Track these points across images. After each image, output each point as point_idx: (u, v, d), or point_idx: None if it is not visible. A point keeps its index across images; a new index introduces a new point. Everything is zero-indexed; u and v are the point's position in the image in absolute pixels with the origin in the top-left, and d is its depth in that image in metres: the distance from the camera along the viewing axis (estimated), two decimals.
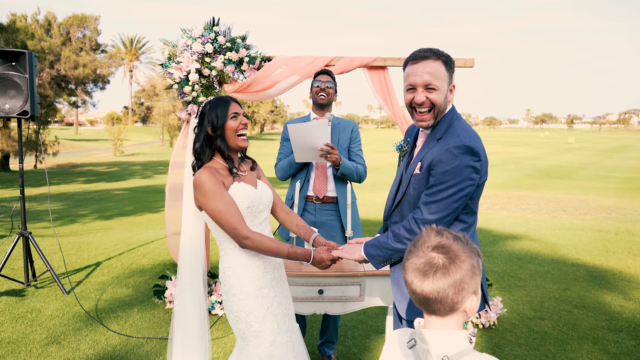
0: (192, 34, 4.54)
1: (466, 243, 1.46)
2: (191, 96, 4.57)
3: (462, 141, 2.13)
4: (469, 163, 2.12)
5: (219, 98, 2.43)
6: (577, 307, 4.97)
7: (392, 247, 2.26)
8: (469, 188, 2.15)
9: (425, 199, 2.18)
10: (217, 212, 2.26)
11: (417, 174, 2.26)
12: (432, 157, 2.18)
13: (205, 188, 2.26)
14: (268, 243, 2.29)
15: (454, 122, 2.25)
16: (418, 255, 1.47)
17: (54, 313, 4.61)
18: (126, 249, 7.16)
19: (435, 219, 2.16)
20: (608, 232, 9.14)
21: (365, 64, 4.67)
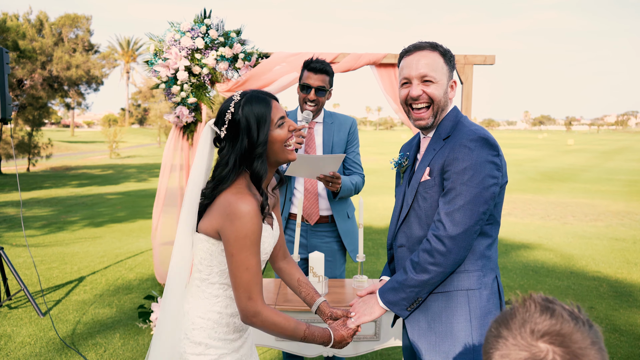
0: (181, 27, 4.06)
1: (589, 326, 0.96)
2: (180, 97, 4.09)
3: (477, 133, 1.83)
4: (488, 157, 1.80)
5: (253, 94, 1.77)
6: (608, 331, 4.49)
7: (417, 282, 1.83)
8: (493, 187, 1.80)
9: (445, 208, 1.80)
10: (244, 268, 1.67)
11: (426, 181, 1.90)
12: (444, 157, 1.84)
13: (247, 228, 1.65)
14: (282, 322, 1.73)
15: (461, 119, 1.96)
16: (516, 343, 0.96)
17: (25, 340, 4.12)
18: (113, 261, 6.66)
19: (462, 230, 1.77)
20: (624, 240, 8.67)
21: (374, 61, 4.19)
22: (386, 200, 14.31)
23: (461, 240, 1.78)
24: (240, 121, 1.73)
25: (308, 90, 3.02)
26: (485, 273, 1.88)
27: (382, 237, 8.81)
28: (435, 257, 1.79)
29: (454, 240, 1.77)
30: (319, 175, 2.87)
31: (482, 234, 1.88)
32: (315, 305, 2.03)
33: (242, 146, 1.73)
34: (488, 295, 1.88)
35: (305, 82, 3.02)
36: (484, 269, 1.88)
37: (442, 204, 1.82)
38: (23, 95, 20.99)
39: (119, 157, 39.42)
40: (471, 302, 1.86)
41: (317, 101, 3.04)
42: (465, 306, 1.86)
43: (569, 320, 0.95)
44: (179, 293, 1.80)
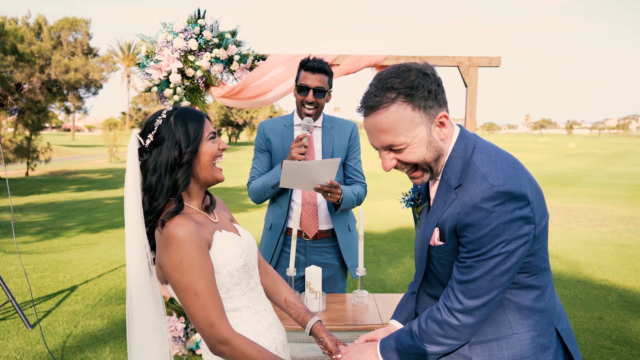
0: (174, 28, 3.90)
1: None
2: (173, 100, 3.93)
3: (494, 187, 1.40)
4: (513, 215, 1.39)
5: (186, 108, 1.67)
6: (618, 343, 4.31)
7: (423, 351, 1.54)
8: (522, 249, 1.42)
9: (458, 276, 1.48)
10: (192, 294, 1.49)
11: (439, 247, 1.54)
12: (455, 218, 1.47)
13: (182, 252, 1.48)
14: (253, 354, 1.52)
15: (472, 157, 1.50)
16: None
17: (11, 354, 3.94)
18: (107, 270, 6.49)
19: (478, 304, 1.46)
20: (631, 247, 8.49)
21: (375, 63, 4.03)
22: (387, 205, 14.14)
23: (477, 313, 1.48)
24: (170, 128, 1.61)
25: (306, 91, 2.81)
26: (540, 332, 1.52)
27: (383, 243, 8.64)
28: (447, 331, 1.51)
29: (468, 314, 1.48)
30: (315, 185, 2.66)
31: (527, 287, 1.52)
32: (308, 327, 1.85)
33: (170, 154, 1.59)
34: (543, 354, 1.52)
35: (303, 83, 2.81)
36: (537, 327, 1.52)
37: (456, 269, 1.50)
38: (22, 99, 20.86)
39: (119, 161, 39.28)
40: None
41: (316, 103, 2.83)
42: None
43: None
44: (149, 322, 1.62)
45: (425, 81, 1.44)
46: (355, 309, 2.60)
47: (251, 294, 1.68)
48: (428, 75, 1.44)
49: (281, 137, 2.95)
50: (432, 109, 1.45)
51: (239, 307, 1.64)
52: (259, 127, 3.08)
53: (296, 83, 2.87)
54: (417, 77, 1.43)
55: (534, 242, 1.48)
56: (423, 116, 1.45)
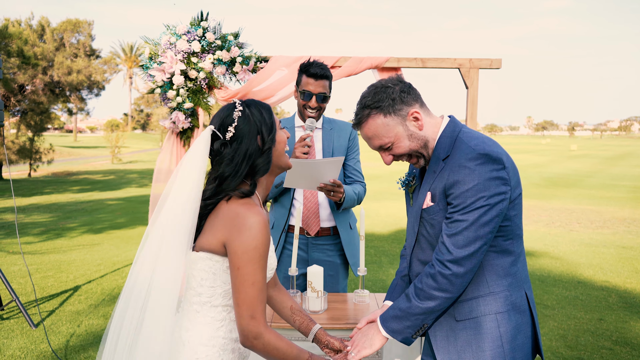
0: (177, 30, 3.93)
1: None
2: (176, 102, 3.96)
3: (476, 150, 1.70)
4: (492, 174, 1.67)
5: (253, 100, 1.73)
6: (618, 344, 4.33)
7: (422, 310, 1.72)
8: (500, 205, 1.67)
9: (447, 230, 1.71)
10: (250, 282, 1.54)
11: (430, 208, 1.80)
12: (444, 180, 1.74)
13: (257, 240, 1.54)
14: (284, 348, 1.60)
15: (460, 134, 1.80)
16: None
17: (15, 353, 3.98)
18: (110, 270, 6.52)
19: (467, 254, 1.66)
20: (632, 249, 8.50)
21: (376, 64, 4.06)
22: (388, 207, 14.16)
23: (465, 263, 1.68)
24: (250, 119, 1.65)
25: (309, 97, 2.86)
26: (512, 292, 1.77)
27: (385, 244, 8.66)
28: (440, 283, 1.69)
29: (457, 264, 1.67)
30: (319, 184, 2.71)
31: (503, 251, 1.77)
32: (311, 334, 1.91)
33: (252, 144, 1.63)
34: (517, 315, 1.76)
35: (306, 89, 2.86)
36: (510, 288, 1.77)
37: (445, 226, 1.73)
38: (24, 100, 20.94)
39: (121, 162, 39.37)
40: (501, 325, 1.74)
41: (319, 107, 2.90)
42: (495, 331, 1.74)
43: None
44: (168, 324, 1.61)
45: (387, 93, 1.77)
46: (357, 308, 2.63)
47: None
48: (389, 87, 1.78)
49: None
50: (402, 110, 1.78)
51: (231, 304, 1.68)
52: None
53: (298, 87, 2.92)
54: (380, 91, 1.78)
55: (510, 208, 1.73)
56: (395, 118, 1.78)
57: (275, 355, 1.60)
